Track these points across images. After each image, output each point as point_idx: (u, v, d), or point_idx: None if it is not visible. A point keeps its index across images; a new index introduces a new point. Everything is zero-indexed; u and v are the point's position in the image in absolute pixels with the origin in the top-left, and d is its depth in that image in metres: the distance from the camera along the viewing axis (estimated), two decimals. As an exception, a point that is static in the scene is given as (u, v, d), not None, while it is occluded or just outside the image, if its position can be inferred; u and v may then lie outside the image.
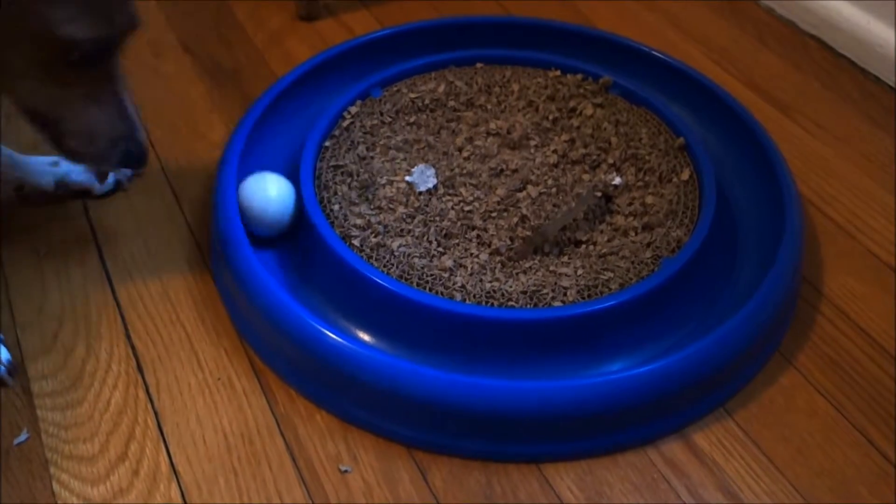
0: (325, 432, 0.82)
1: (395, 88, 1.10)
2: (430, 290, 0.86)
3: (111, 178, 1.03)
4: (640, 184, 0.98)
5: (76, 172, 1.02)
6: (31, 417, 0.83)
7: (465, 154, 1.02)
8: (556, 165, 1.01)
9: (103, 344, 0.89)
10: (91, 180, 1.02)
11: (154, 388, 0.85)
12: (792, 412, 0.84)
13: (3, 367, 0.85)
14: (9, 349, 0.86)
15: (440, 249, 0.91)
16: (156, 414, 0.83)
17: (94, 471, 0.78)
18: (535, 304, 0.86)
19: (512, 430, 0.79)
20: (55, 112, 0.76)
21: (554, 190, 0.97)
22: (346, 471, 0.79)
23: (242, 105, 1.16)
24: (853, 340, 0.90)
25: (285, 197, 0.93)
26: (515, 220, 0.93)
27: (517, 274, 0.89)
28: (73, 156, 0.80)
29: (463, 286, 0.87)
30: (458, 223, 0.93)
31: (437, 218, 0.94)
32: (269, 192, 0.92)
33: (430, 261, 0.89)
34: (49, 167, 1.02)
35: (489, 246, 0.91)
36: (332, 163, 1.00)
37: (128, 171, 1.03)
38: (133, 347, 0.89)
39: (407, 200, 0.96)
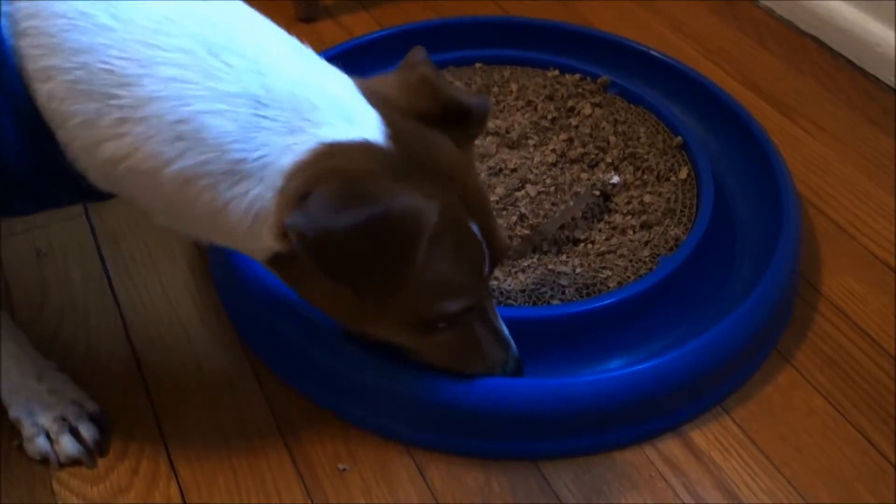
0: (324, 431, 0.82)
1: (393, 89, 1.10)
2: (429, 288, 0.87)
3: None
4: (638, 182, 0.99)
5: None
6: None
7: (464, 154, 1.02)
8: (554, 164, 1.01)
9: (103, 344, 0.89)
10: None
11: (154, 387, 0.85)
12: (790, 411, 0.84)
13: (80, 447, 0.78)
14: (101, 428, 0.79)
15: (439, 248, 0.91)
16: (155, 413, 0.83)
17: (94, 471, 0.78)
18: (534, 303, 0.86)
19: (510, 427, 0.79)
20: (417, 352, 0.73)
21: (552, 189, 0.97)
22: (344, 469, 0.79)
23: (242, 106, 1.17)
24: (852, 339, 0.90)
25: None
26: (514, 218, 0.94)
27: (516, 272, 0.89)
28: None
29: (461, 285, 0.87)
30: (457, 222, 0.93)
31: (436, 217, 0.94)
32: None
33: (429, 260, 0.89)
34: None
35: (488, 245, 0.92)
36: (330, 163, 1.00)
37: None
38: (133, 347, 0.89)
39: (405, 200, 0.96)
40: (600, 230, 0.94)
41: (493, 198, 0.96)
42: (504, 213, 0.95)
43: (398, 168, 0.61)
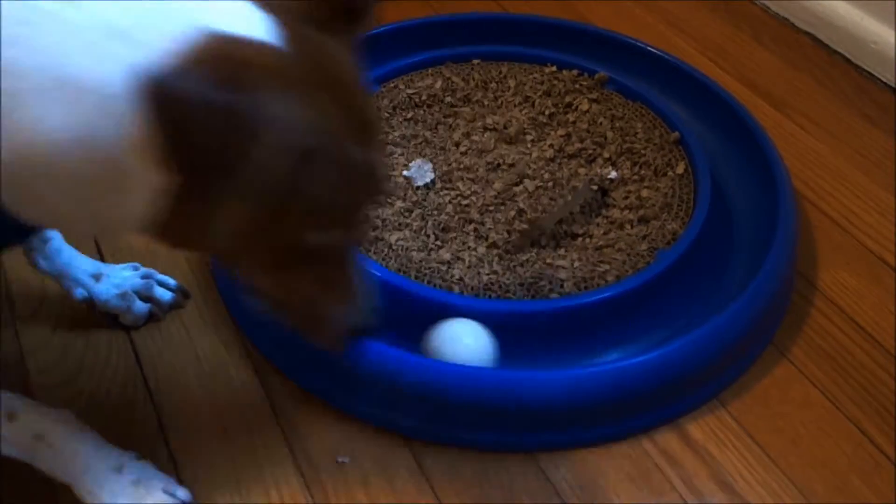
0: (323, 423, 0.82)
1: (392, 84, 1.10)
2: (429, 282, 0.87)
3: (143, 308, 0.90)
4: (635, 177, 0.99)
5: (108, 295, 0.89)
6: (31, 410, 0.83)
7: (463, 149, 1.03)
8: (552, 160, 1.01)
9: (102, 338, 0.89)
10: (122, 307, 0.90)
11: (153, 381, 0.85)
12: (785, 403, 0.84)
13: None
14: None
15: (438, 243, 0.91)
16: (155, 407, 0.83)
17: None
18: (533, 296, 0.86)
19: (508, 419, 0.79)
20: (274, 293, 0.66)
21: (550, 184, 0.97)
22: (343, 462, 0.79)
23: (240, 102, 1.17)
24: (846, 333, 0.91)
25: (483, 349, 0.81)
26: (512, 213, 0.94)
27: (514, 266, 0.89)
28: (300, 333, 0.71)
29: (461, 279, 0.87)
30: (456, 217, 0.94)
31: (435, 212, 0.94)
32: (466, 340, 0.81)
33: (428, 254, 0.90)
34: (86, 277, 0.89)
35: (487, 239, 0.92)
36: (329, 157, 1.00)
37: (165, 299, 0.91)
38: (132, 341, 0.89)
39: (405, 195, 0.96)
40: (598, 224, 0.94)
41: (491, 193, 0.97)
42: (502, 207, 0.95)
43: (290, 72, 0.54)
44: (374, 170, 0.61)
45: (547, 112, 1.07)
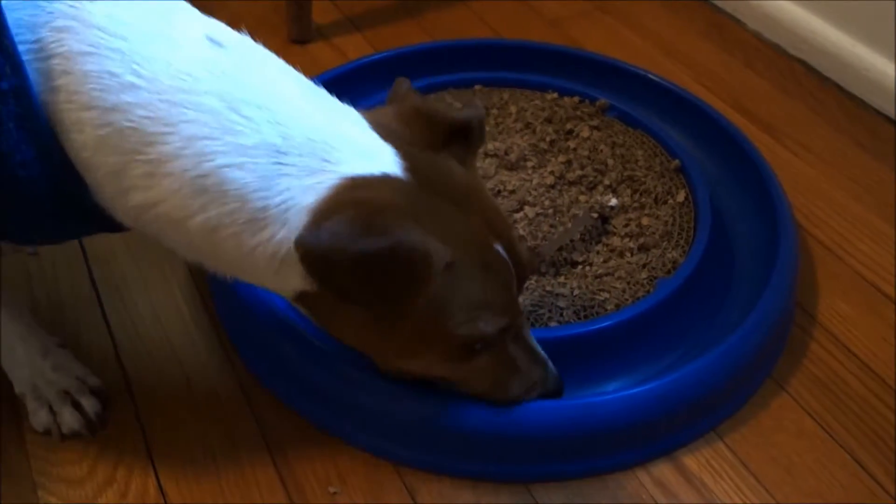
0: (314, 453, 0.80)
1: (392, 109, 1.10)
2: (427, 310, 0.86)
3: None
4: (636, 205, 0.99)
5: None
6: (18, 440, 0.81)
7: (462, 175, 1.02)
8: (552, 187, 1.01)
9: (93, 366, 0.87)
10: None
11: (143, 410, 0.84)
12: (780, 433, 0.83)
13: (80, 420, 0.81)
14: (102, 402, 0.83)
15: (437, 269, 0.90)
16: (144, 436, 0.82)
17: (82, 494, 0.77)
18: (532, 324, 0.85)
19: (503, 449, 0.78)
20: (456, 381, 0.74)
21: (551, 211, 0.97)
22: (335, 493, 0.77)
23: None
24: (842, 362, 0.90)
25: None
26: (512, 240, 0.93)
27: (513, 294, 0.88)
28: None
29: (460, 306, 0.86)
30: (455, 243, 0.93)
31: (434, 238, 0.93)
32: None
33: (427, 281, 0.89)
34: None
35: (486, 266, 0.91)
36: (327, 182, 0.99)
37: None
38: (123, 369, 0.87)
39: (403, 220, 0.95)
40: (598, 252, 0.94)
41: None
42: (501, 234, 0.95)
43: (418, 200, 0.63)
44: (514, 255, 0.68)
45: (548, 139, 1.07)
